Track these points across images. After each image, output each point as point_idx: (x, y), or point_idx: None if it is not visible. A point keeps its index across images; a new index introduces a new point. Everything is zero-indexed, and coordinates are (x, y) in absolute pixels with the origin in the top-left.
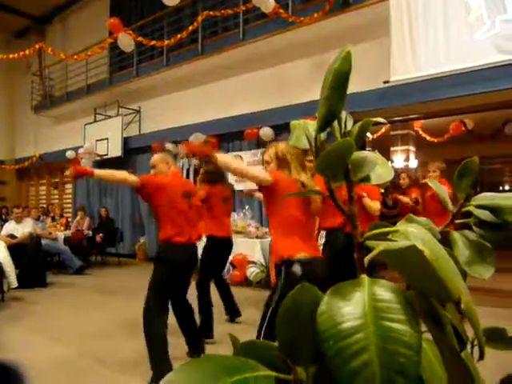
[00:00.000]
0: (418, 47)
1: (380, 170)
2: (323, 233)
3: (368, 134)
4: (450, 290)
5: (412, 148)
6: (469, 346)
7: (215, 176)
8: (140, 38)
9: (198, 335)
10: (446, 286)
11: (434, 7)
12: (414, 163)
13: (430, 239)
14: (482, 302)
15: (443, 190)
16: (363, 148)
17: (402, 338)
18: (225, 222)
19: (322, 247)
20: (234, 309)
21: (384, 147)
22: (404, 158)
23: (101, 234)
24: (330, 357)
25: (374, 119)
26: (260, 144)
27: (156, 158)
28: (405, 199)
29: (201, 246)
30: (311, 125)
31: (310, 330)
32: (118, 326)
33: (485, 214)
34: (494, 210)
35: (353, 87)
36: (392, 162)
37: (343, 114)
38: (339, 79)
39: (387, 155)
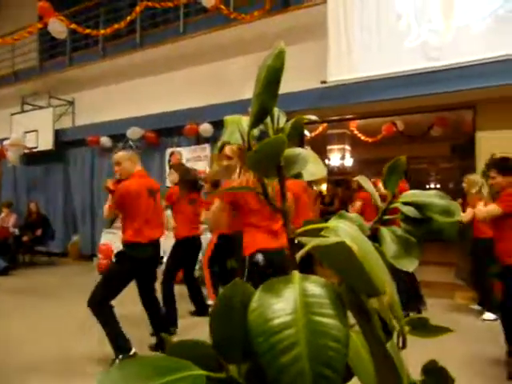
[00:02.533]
0: (354, 50)
1: (312, 167)
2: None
3: (306, 133)
4: (375, 284)
5: (348, 147)
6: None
7: (191, 184)
8: (74, 25)
9: (163, 328)
10: (372, 281)
11: (368, 13)
12: (349, 161)
13: (358, 235)
14: None
15: (372, 188)
16: (301, 145)
17: (331, 332)
18: (193, 222)
19: None
20: (202, 305)
21: (321, 145)
22: (340, 157)
23: (30, 233)
24: (261, 353)
25: (306, 117)
26: (199, 140)
27: (121, 155)
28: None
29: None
30: (245, 121)
31: (242, 327)
32: (37, 330)
33: (410, 211)
34: (418, 206)
35: (292, 86)
36: (329, 159)
37: (276, 111)
38: (272, 76)
39: (324, 153)
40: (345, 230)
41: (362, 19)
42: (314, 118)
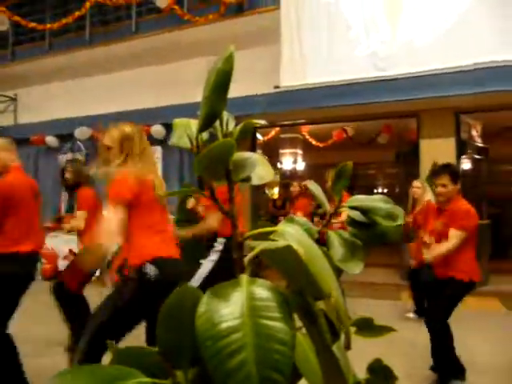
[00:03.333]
0: (306, 56)
1: (261, 170)
2: (222, 240)
3: (259, 136)
4: (321, 287)
5: (300, 151)
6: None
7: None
8: (17, 18)
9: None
10: (318, 283)
11: (319, 22)
12: (301, 166)
13: (305, 239)
14: (357, 294)
15: (321, 192)
16: (254, 149)
17: (278, 335)
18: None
19: (218, 254)
20: None
21: (274, 149)
22: (292, 161)
23: None
24: (208, 358)
25: (256, 121)
26: (151, 142)
27: None
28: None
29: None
30: (194, 124)
31: (190, 332)
32: None
33: (357, 215)
34: (364, 210)
35: (246, 90)
36: (281, 163)
37: (225, 115)
38: (221, 79)
39: (277, 157)
40: (292, 233)
41: (314, 27)
42: (262, 122)
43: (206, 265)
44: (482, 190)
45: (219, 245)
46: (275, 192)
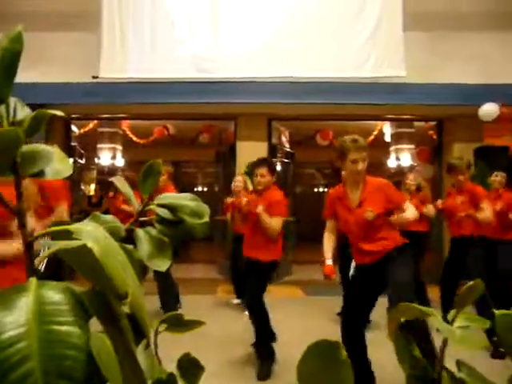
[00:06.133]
0: (128, 49)
1: (57, 165)
2: None
3: (74, 129)
4: (117, 286)
5: (119, 147)
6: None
7: None
8: None
9: None
10: (114, 282)
11: (143, 15)
12: (120, 162)
13: (103, 237)
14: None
15: (128, 189)
16: (68, 142)
17: (70, 340)
18: None
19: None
20: None
21: (92, 143)
22: (111, 156)
23: None
24: None
25: (52, 111)
26: None
27: None
28: None
29: None
30: None
31: None
32: None
33: (164, 212)
34: (171, 208)
35: (61, 77)
36: (99, 158)
37: (12, 101)
38: (7, 60)
39: (94, 152)
40: (89, 231)
41: (137, 20)
42: (59, 113)
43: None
44: (289, 190)
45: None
46: (91, 189)
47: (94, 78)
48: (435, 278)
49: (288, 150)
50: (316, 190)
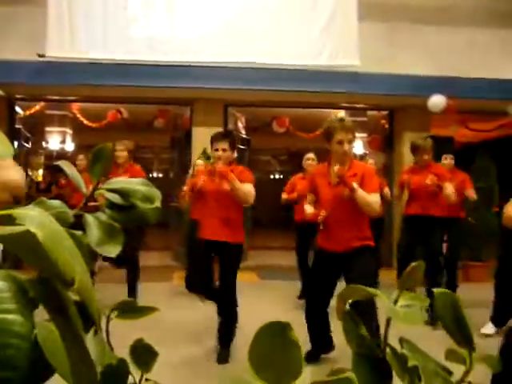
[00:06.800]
0: (78, 28)
1: None
2: None
3: (19, 110)
4: (63, 272)
5: (69, 130)
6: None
7: None
8: None
9: None
10: (59, 268)
11: None
12: (70, 146)
13: (49, 222)
14: None
15: (76, 173)
16: (12, 124)
17: (12, 329)
18: None
19: None
20: None
21: (39, 126)
22: (60, 141)
23: None
24: None
25: None
26: None
27: None
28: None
29: None
30: None
31: None
32: None
33: (115, 197)
34: (122, 193)
35: (3, 53)
36: (47, 143)
37: None
38: None
39: (42, 135)
40: (34, 216)
41: None
42: None
43: None
44: None
45: None
46: (39, 174)
47: (40, 56)
48: (386, 261)
49: (244, 136)
50: (272, 176)
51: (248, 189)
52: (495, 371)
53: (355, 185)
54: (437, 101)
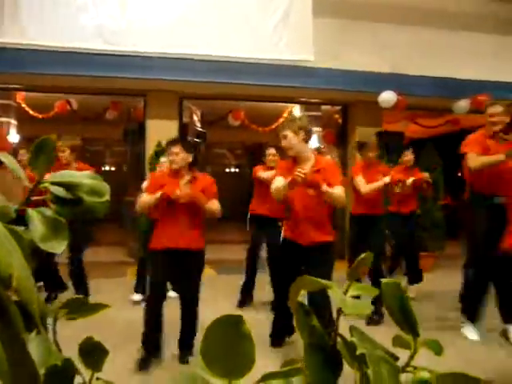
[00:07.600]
0: (23, 11)
1: None
2: None
3: None
4: None
5: (13, 121)
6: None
7: None
8: None
9: None
10: None
11: None
12: (15, 138)
13: None
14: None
15: (17, 166)
16: None
17: None
18: None
19: None
20: None
21: None
22: (7, 132)
23: None
24: None
25: None
26: None
27: None
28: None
29: None
30: None
31: None
32: None
33: (60, 191)
34: (68, 186)
35: None
36: None
37: None
38: None
39: None
40: None
41: None
42: None
43: None
44: (199, 170)
45: None
46: None
47: None
48: (338, 252)
49: (199, 129)
50: (227, 170)
51: (216, 206)
52: (438, 354)
53: (325, 187)
54: (387, 97)
